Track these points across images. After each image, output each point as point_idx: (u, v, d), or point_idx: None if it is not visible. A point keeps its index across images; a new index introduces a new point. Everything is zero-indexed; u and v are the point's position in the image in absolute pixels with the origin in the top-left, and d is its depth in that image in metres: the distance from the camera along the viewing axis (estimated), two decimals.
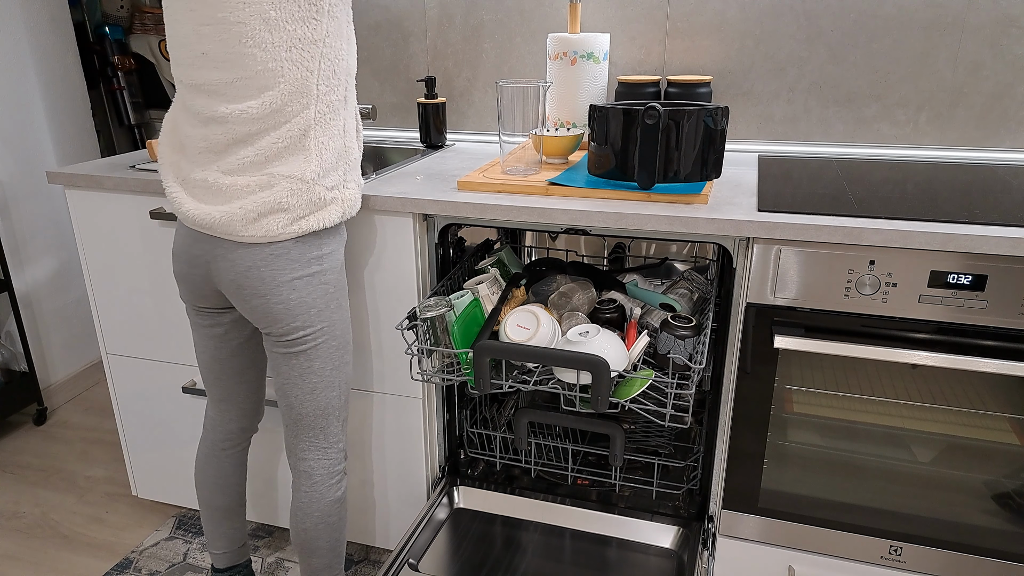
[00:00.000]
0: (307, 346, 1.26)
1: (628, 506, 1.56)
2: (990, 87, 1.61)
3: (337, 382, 1.32)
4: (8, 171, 2.34)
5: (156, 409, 1.82)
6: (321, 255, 1.23)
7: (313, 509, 1.36)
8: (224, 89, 1.12)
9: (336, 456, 1.38)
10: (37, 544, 1.91)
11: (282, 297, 1.21)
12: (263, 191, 1.16)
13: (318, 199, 1.18)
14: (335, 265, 1.27)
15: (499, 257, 1.66)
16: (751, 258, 1.27)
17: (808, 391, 1.34)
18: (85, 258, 1.71)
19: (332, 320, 1.28)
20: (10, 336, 2.42)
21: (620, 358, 1.26)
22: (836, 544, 1.41)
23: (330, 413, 1.34)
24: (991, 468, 1.30)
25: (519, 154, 1.50)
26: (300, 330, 1.25)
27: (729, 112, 1.79)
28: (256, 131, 1.13)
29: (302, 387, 1.30)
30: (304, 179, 1.16)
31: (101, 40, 2.95)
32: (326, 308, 1.26)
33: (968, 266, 1.17)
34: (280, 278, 1.20)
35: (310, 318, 1.24)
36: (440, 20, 1.92)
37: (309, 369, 1.29)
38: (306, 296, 1.23)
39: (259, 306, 1.22)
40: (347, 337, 1.33)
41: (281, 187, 1.15)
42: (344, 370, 1.33)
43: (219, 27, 1.09)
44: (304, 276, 1.22)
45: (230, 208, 1.16)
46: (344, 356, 1.32)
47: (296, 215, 1.17)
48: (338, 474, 1.38)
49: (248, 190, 1.16)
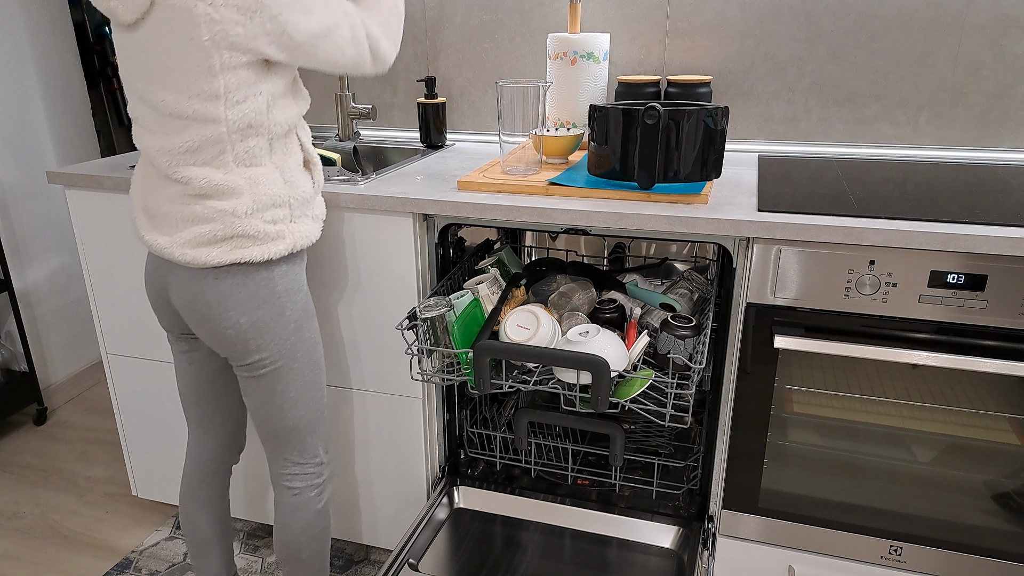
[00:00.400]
0: (266, 369, 1.25)
1: (628, 506, 1.56)
2: (990, 87, 1.61)
3: (305, 400, 1.30)
4: (8, 171, 2.34)
5: (156, 409, 1.82)
6: (272, 277, 1.20)
7: (295, 521, 1.36)
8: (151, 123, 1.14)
9: (314, 469, 1.37)
10: (37, 544, 1.91)
11: (231, 322, 1.19)
12: (200, 224, 1.15)
13: (258, 232, 1.16)
14: (290, 287, 1.23)
15: (499, 257, 1.66)
16: (751, 258, 1.27)
17: (808, 391, 1.34)
18: (85, 258, 1.71)
19: (290, 343, 1.25)
20: (10, 336, 2.42)
21: (620, 358, 1.26)
22: (836, 544, 1.41)
23: (302, 429, 1.32)
24: (991, 468, 1.30)
25: (519, 154, 1.50)
26: (255, 354, 1.23)
27: (729, 112, 1.79)
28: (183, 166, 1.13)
29: (269, 409, 1.29)
30: (235, 213, 1.14)
31: (101, 40, 2.95)
32: (282, 331, 1.23)
33: (968, 266, 1.17)
34: (227, 303, 1.18)
35: (264, 342, 1.22)
36: (440, 20, 1.92)
37: (273, 391, 1.27)
38: (257, 320, 1.20)
39: (211, 331, 1.21)
40: (312, 356, 1.30)
41: (217, 222, 1.14)
42: (312, 389, 1.31)
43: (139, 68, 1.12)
44: (254, 300, 1.19)
45: (171, 238, 1.17)
46: (311, 375, 1.30)
47: (235, 245, 1.16)
48: (318, 486, 1.37)
49: (185, 220, 1.16)
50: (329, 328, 1.58)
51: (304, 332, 1.27)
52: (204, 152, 1.12)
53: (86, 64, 2.87)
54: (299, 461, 1.35)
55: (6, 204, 2.34)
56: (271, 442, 1.34)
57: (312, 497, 1.37)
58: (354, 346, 1.57)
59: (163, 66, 1.08)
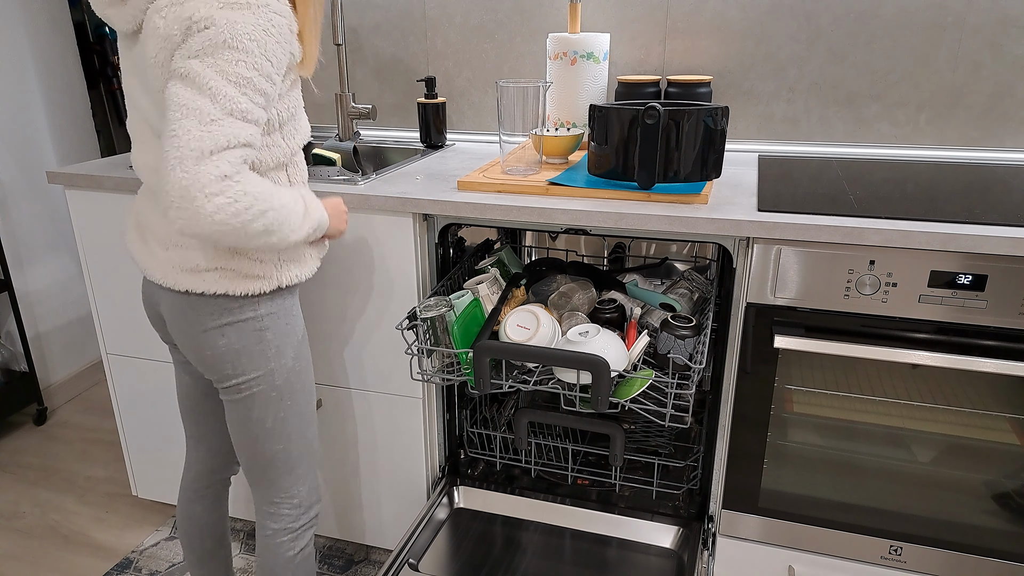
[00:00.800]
0: (242, 394, 1.18)
1: (628, 506, 1.56)
2: (990, 87, 1.61)
3: (282, 433, 1.22)
4: (8, 171, 2.34)
5: (156, 409, 1.82)
6: (257, 303, 1.14)
7: (263, 565, 1.29)
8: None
9: (290, 512, 1.27)
10: (37, 544, 1.91)
11: (210, 342, 1.13)
12: (184, 249, 1.11)
13: (241, 268, 1.11)
14: (276, 310, 1.17)
15: (499, 257, 1.66)
16: (751, 258, 1.27)
17: (808, 391, 1.34)
18: (85, 258, 1.71)
19: (270, 369, 1.17)
20: (10, 336, 2.42)
21: (620, 358, 1.26)
22: (836, 544, 1.41)
23: (277, 466, 1.24)
24: (991, 468, 1.30)
25: (519, 154, 1.50)
26: (232, 377, 1.16)
27: (729, 112, 1.79)
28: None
29: (243, 435, 1.22)
30: (219, 248, 1.10)
31: (101, 40, 2.95)
32: (260, 355, 1.16)
33: (968, 266, 1.17)
34: (208, 323, 1.12)
35: (241, 365, 1.15)
36: (440, 20, 1.92)
37: (247, 418, 1.20)
38: (236, 343, 1.14)
39: (190, 350, 1.16)
40: (295, 385, 1.21)
41: (199, 252, 1.10)
42: (292, 422, 1.22)
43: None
44: (235, 322, 1.13)
45: (157, 259, 1.14)
46: (292, 406, 1.22)
47: (219, 276, 1.11)
48: (291, 532, 1.28)
49: (172, 242, 1.12)
50: (329, 328, 1.58)
51: (285, 359, 1.19)
52: None
53: (86, 64, 2.87)
54: (274, 499, 1.27)
55: (6, 204, 2.34)
56: (248, 474, 1.27)
57: (282, 543, 1.28)
58: (354, 346, 1.57)
59: (148, 80, 1.04)
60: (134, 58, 1.08)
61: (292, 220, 1.06)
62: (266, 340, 1.16)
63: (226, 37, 0.95)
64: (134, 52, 1.07)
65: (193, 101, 0.94)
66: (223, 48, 0.95)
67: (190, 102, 0.94)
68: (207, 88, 0.94)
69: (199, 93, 0.94)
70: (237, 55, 0.95)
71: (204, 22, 0.95)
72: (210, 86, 0.94)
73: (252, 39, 0.96)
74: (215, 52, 0.95)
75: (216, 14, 0.95)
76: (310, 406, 1.26)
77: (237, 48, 0.95)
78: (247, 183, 0.97)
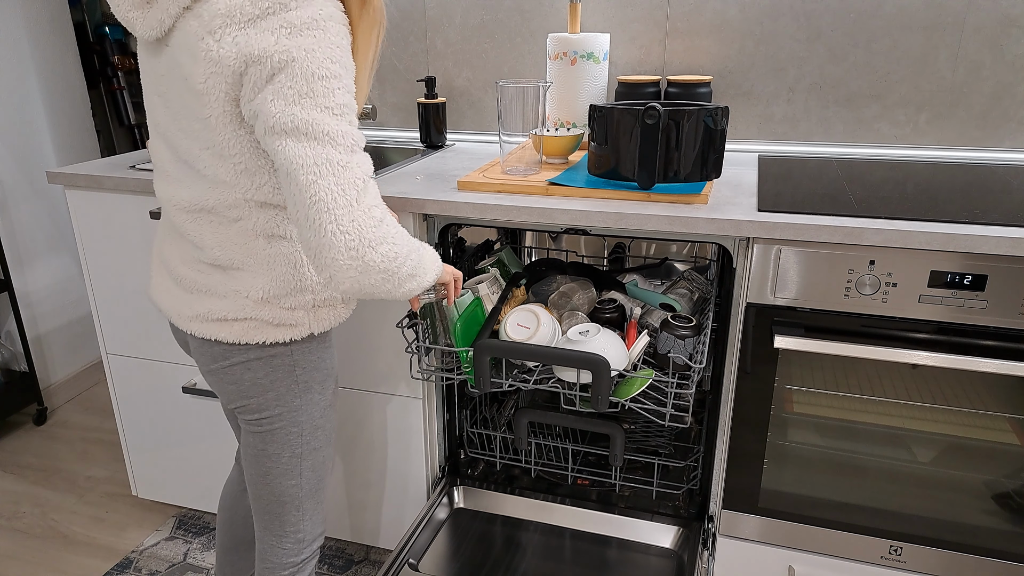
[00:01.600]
0: (262, 428, 1.12)
1: (628, 506, 1.56)
2: (990, 87, 1.61)
3: (298, 471, 1.16)
4: (8, 171, 2.34)
5: (156, 409, 1.82)
6: (290, 350, 1.08)
7: None
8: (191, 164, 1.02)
9: (292, 547, 1.21)
10: (37, 544, 1.91)
11: (235, 376, 1.07)
12: (212, 297, 1.04)
13: (274, 319, 1.04)
14: (305, 348, 1.10)
15: (499, 257, 1.66)
16: (751, 258, 1.27)
17: (808, 391, 1.34)
18: (85, 258, 1.71)
19: (293, 406, 1.11)
20: (10, 336, 2.42)
21: (620, 358, 1.26)
22: (836, 544, 1.41)
23: (286, 502, 1.18)
24: (991, 468, 1.30)
25: (519, 154, 1.50)
26: (254, 412, 1.10)
27: (729, 112, 1.79)
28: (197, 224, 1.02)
29: (256, 468, 1.16)
30: (251, 298, 1.02)
31: (101, 40, 2.95)
32: (287, 393, 1.09)
33: (968, 266, 1.17)
34: (233, 358, 1.06)
35: (266, 401, 1.09)
36: (440, 20, 1.92)
37: (263, 452, 1.14)
38: (262, 378, 1.07)
39: (215, 382, 1.11)
40: (317, 423, 1.15)
41: (230, 300, 1.03)
42: (307, 461, 1.16)
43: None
44: (263, 357, 1.06)
45: (181, 309, 1.08)
46: (311, 443, 1.15)
47: (248, 327, 1.04)
48: (292, 567, 1.22)
49: (198, 289, 1.05)
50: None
51: (313, 395, 1.13)
52: (220, 214, 1.00)
53: (86, 64, 2.87)
54: (278, 532, 1.21)
55: (6, 204, 2.34)
56: (254, 504, 1.21)
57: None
58: (354, 346, 1.57)
59: (180, 101, 0.95)
60: (160, 71, 0.98)
61: (425, 263, 1.01)
62: (295, 376, 1.10)
63: (313, 69, 0.87)
64: (160, 64, 0.97)
65: (318, 155, 0.87)
66: (314, 81, 0.87)
67: (316, 157, 0.87)
68: (323, 134, 0.87)
69: (318, 143, 0.87)
70: (329, 83, 0.88)
71: (280, 57, 0.86)
72: (325, 130, 0.87)
73: (334, 60, 0.89)
74: (311, 90, 0.87)
75: (290, 46, 0.86)
76: (330, 442, 1.20)
77: (326, 76, 0.88)
78: (394, 222, 0.94)
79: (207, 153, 0.96)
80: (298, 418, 1.12)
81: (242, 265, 1.02)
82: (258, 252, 1.01)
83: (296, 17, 0.87)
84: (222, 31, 0.88)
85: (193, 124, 0.95)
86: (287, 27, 0.87)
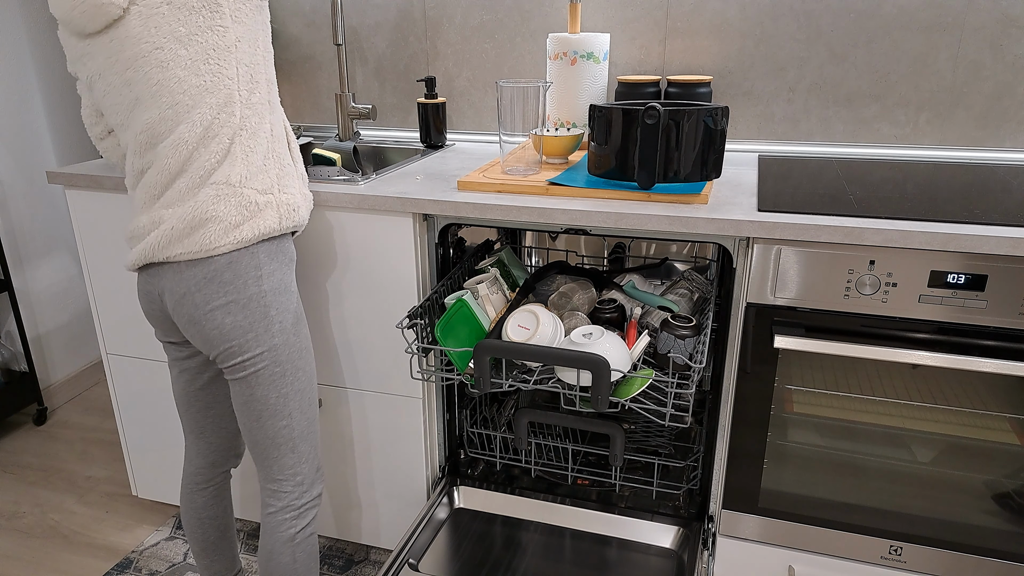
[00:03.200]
0: (246, 372, 1.21)
1: (628, 506, 1.56)
2: (990, 87, 1.61)
3: (285, 410, 1.25)
4: (8, 171, 2.34)
5: (156, 409, 1.82)
6: (260, 275, 1.18)
7: (265, 544, 1.31)
8: (157, 126, 1.13)
9: (292, 488, 1.30)
10: (37, 544, 1.91)
11: (216, 322, 1.17)
12: (189, 202, 1.14)
13: (249, 203, 1.15)
14: (276, 286, 1.21)
15: (499, 257, 1.66)
16: (751, 258, 1.27)
17: (808, 391, 1.34)
18: (85, 258, 1.71)
19: (273, 345, 1.21)
20: (10, 336, 2.42)
21: (623, 360, 1.26)
22: (836, 544, 1.41)
23: (281, 443, 1.27)
24: (991, 468, 1.30)
25: (519, 154, 1.50)
26: (237, 355, 1.20)
27: (729, 112, 1.79)
28: (188, 156, 1.13)
29: (247, 414, 1.25)
30: (229, 182, 1.13)
31: None
32: (265, 332, 1.20)
33: (968, 266, 1.17)
34: (213, 302, 1.16)
35: (247, 343, 1.19)
36: (440, 20, 1.92)
37: (252, 396, 1.23)
38: (242, 320, 1.18)
39: (196, 333, 1.20)
40: (298, 363, 1.25)
41: (206, 193, 1.13)
42: (295, 400, 1.26)
43: (140, 63, 1.10)
44: (239, 300, 1.17)
45: (160, 230, 1.15)
46: (295, 384, 1.25)
47: (228, 223, 1.14)
48: (295, 509, 1.30)
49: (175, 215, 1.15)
50: (329, 328, 1.58)
51: (289, 336, 1.24)
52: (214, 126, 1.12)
53: None
54: (277, 478, 1.30)
55: (6, 204, 2.34)
56: (253, 452, 1.30)
57: (285, 520, 1.30)
58: (354, 346, 1.57)
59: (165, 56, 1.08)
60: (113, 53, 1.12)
61: None
62: (270, 316, 1.20)
63: None
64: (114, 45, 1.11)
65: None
66: None
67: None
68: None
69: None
70: None
71: None
72: None
73: None
74: None
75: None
76: (312, 385, 1.29)
77: None
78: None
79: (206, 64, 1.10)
80: (278, 357, 1.22)
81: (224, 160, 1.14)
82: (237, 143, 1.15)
83: None
84: None
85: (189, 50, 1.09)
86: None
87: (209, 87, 1.11)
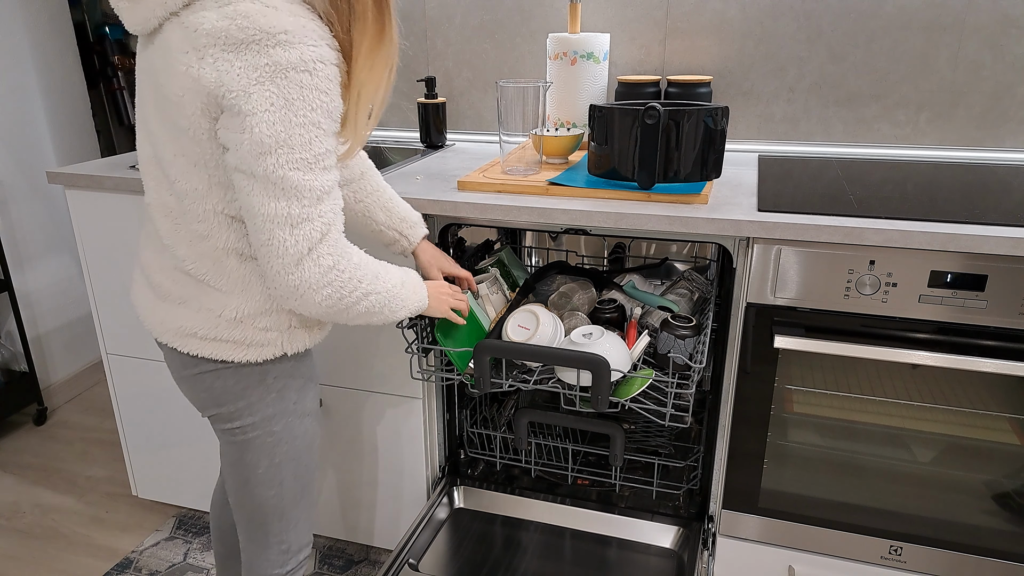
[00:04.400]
0: (236, 438, 1.08)
1: (628, 506, 1.56)
2: (990, 87, 1.61)
3: (278, 480, 1.11)
4: (8, 171, 2.34)
5: (156, 409, 1.82)
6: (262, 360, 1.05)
7: None
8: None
9: (276, 557, 1.17)
10: (37, 544, 1.91)
11: (206, 384, 1.04)
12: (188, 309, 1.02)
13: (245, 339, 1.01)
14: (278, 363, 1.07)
15: (499, 257, 1.65)
16: (751, 258, 1.27)
17: (808, 391, 1.34)
18: (85, 258, 1.71)
19: (268, 414, 1.06)
20: (10, 336, 2.42)
21: (624, 360, 1.26)
22: (836, 544, 1.41)
23: (268, 512, 1.13)
24: (991, 468, 1.30)
25: (519, 154, 1.50)
26: (227, 420, 1.06)
27: (729, 112, 1.79)
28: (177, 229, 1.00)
29: (234, 477, 1.11)
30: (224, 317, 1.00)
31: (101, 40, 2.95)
32: (259, 401, 1.05)
33: (968, 266, 1.17)
34: (202, 366, 1.03)
35: (238, 409, 1.05)
36: (440, 20, 1.92)
37: (240, 461, 1.09)
38: (233, 386, 1.04)
39: (185, 390, 1.09)
40: (295, 431, 1.10)
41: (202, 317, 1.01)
42: (288, 468, 1.11)
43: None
44: (233, 365, 1.03)
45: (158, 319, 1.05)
46: (289, 452, 1.10)
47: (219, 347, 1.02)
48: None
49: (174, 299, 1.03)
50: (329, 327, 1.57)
51: (287, 403, 1.08)
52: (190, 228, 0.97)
53: (86, 64, 2.87)
54: (261, 543, 1.16)
55: (6, 204, 2.34)
56: (235, 513, 1.16)
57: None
58: (354, 346, 1.57)
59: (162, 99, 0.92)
60: (148, 65, 0.95)
61: (394, 304, 1.04)
62: (267, 384, 1.06)
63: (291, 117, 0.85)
64: (149, 56, 0.95)
65: (279, 208, 0.87)
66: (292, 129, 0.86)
67: (276, 209, 0.87)
68: (290, 188, 0.87)
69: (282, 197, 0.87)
70: (307, 132, 0.87)
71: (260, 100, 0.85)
72: (292, 185, 0.87)
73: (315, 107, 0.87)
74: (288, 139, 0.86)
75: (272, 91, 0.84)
76: (311, 450, 1.15)
77: (305, 124, 0.86)
78: (352, 268, 0.95)
79: (182, 160, 0.93)
80: (272, 427, 1.08)
81: (215, 283, 0.99)
82: (231, 272, 0.99)
83: (282, 56, 0.84)
84: (205, 50, 0.85)
85: (173, 128, 0.92)
86: (271, 66, 0.84)
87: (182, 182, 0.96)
